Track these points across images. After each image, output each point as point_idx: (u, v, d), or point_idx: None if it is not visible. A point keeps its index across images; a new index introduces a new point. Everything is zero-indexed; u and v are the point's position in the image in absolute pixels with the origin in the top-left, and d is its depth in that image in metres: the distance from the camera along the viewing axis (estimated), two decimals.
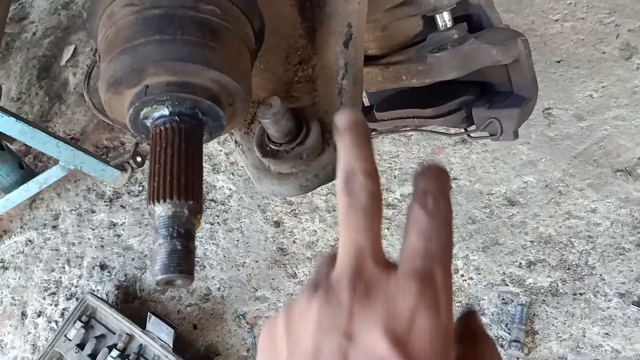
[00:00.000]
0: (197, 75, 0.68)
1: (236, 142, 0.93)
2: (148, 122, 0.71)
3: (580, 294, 1.46)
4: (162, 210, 0.65)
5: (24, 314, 1.98)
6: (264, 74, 0.89)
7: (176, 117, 0.68)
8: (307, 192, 0.95)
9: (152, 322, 1.62)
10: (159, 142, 0.68)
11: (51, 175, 2.14)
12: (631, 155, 1.57)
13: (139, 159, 1.92)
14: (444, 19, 1.16)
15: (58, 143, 2.06)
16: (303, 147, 0.81)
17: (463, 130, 1.31)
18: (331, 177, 0.92)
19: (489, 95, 1.25)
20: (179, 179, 0.66)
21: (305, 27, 0.94)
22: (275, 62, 0.93)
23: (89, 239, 2.08)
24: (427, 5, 1.15)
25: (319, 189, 1.83)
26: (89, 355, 1.68)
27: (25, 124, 1.97)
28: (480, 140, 1.74)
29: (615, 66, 1.68)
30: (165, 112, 0.68)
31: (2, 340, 1.94)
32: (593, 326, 1.42)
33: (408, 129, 1.43)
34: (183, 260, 0.64)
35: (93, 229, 2.10)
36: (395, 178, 1.78)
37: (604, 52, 1.72)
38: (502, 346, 1.44)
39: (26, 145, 2.45)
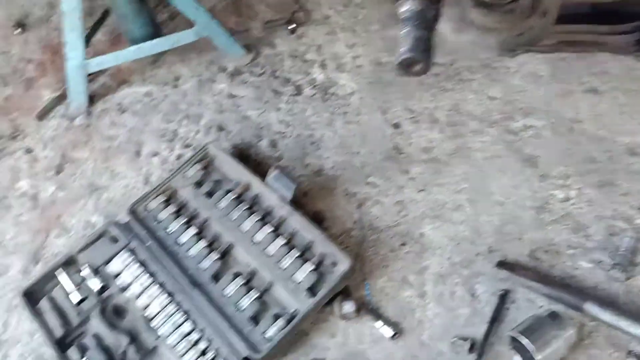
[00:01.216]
0: None
1: None
2: None
3: None
4: (412, 4, 0.76)
5: (138, 153, 2.11)
6: None
7: None
8: (504, 53, 1.04)
9: (274, 176, 1.73)
10: None
11: (183, 36, 2.26)
12: None
13: (293, 25, 2.08)
14: None
15: (198, 7, 2.17)
16: (517, 3, 0.90)
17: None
18: (532, 41, 1.01)
19: None
20: None
21: None
22: None
23: (208, 103, 2.20)
24: None
25: (446, 103, 1.92)
26: (205, 194, 1.80)
27: None
28: (612, 93, 1.81)
29: None
30: None
31: (114, 170, 2.08)
32: None
33: (578, 47, 1.54)
34: (427, 48, 0.75)
35: (213, 95, 2.22)
36: (520, 110, 1.86)
37: None
38: (603, 269, 1.53)
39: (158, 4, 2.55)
